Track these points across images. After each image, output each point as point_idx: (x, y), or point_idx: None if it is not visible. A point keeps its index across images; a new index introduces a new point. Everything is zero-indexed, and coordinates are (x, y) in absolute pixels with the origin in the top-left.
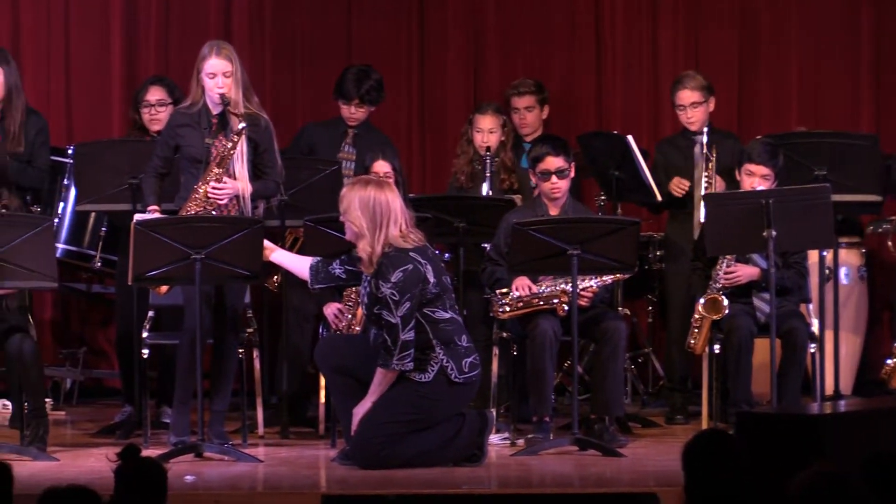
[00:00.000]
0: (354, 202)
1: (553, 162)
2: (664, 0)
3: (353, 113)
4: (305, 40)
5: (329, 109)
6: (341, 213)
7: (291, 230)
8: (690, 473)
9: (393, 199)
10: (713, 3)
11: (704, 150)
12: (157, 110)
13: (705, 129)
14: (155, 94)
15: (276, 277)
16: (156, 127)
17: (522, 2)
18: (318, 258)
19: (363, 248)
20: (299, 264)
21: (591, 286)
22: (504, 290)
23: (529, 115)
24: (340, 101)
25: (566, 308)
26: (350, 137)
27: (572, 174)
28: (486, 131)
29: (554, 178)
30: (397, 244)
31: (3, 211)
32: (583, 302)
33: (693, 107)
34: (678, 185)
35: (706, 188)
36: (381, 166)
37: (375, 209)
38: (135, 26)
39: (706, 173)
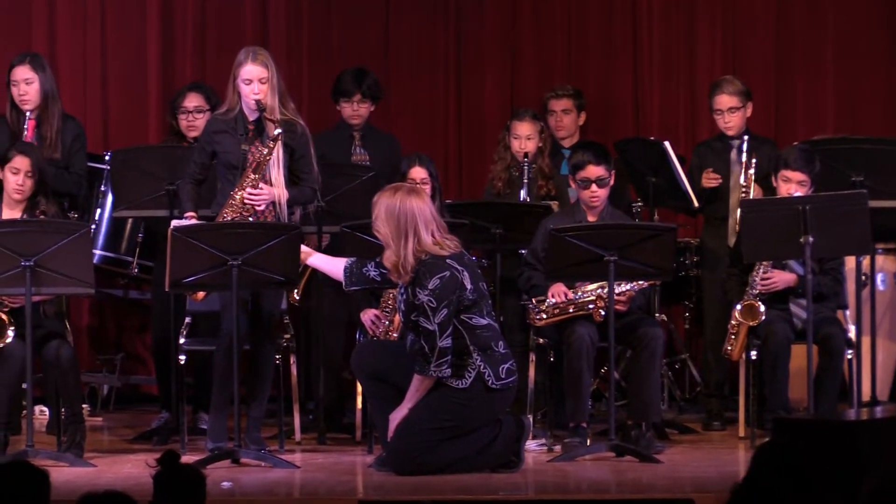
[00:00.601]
0: (381, 211)
1: (594, 171)
2: (701, 6)
3: (356, 110)
4: (342, 46)
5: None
6: (372, 222)
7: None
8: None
9: (422, 207)
10: (750, 9)
11: (744, 157)
12: (194, 117)
13: (745, 137)
14: (192, 100)
15: (296, 290)
16: (193, 133)
17: (559, 8)
18: (353, 259)
19: (388, 257)
20: (335, 266)
21: (628, 290)
22: (540, 298)
23: (566, 119)
24: (342, 101)
25: (603, 314)
26: (358, 140)
27: (612, 182)
28: (524, 138)
29: (594, 187)
30: (433, 251)
31: (42, 217)
32: (620, 307)
33: (731, 112)
34: (709, 177)
35: (744, 195)
36: (418, 172)
37: (400, 218)
38: (171, 32)
39: (744, 181)
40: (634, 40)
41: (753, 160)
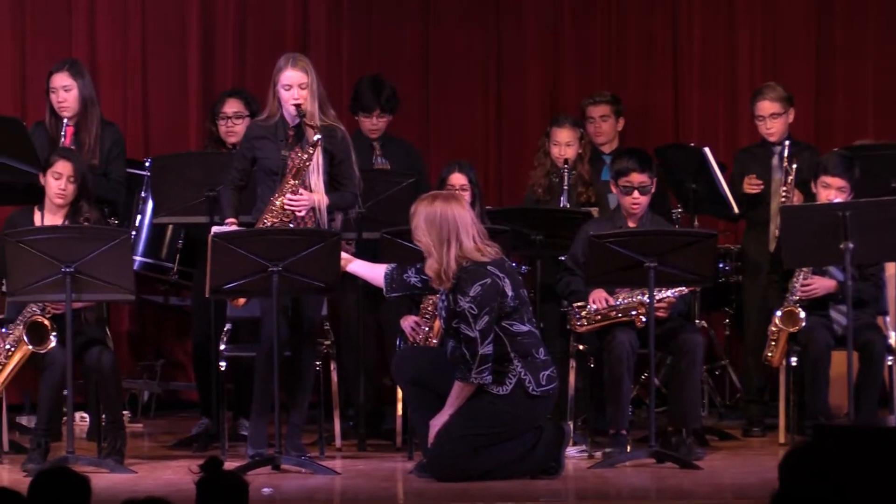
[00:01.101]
0: (420, 220)
1: (637, 177)
2: (741, 12)
3: (375, 124)
4: (383, 52)
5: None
6: (412, 232)
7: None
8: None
9: (461, 213)
10: (790, 16)
11: (785, 164)
12: (233, 122)
13: (787, 142)
14: (232, 106)
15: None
16: (232, 139)
17: (599, 14)
18: (393, 265)
19: (430, 266)
20: (375, 273)
21: (668, 296)
22: (581, 304)
23: (604, 125)
24: (361, 115)
25: (644, 319)
26: (378, 149)
27: (653, 190)
28: (564, 144)
29: (636, 194)
30: (474, 257)
31: (84, 223)
32: (661, 313)
33: (773, 118)
34: (751, 183)
35: (784, 201)
36: (457, 178)
37: (441, 225)
38: (212, 38)
39: (785, 187)
40: (674, 47)
41: (794, 166)
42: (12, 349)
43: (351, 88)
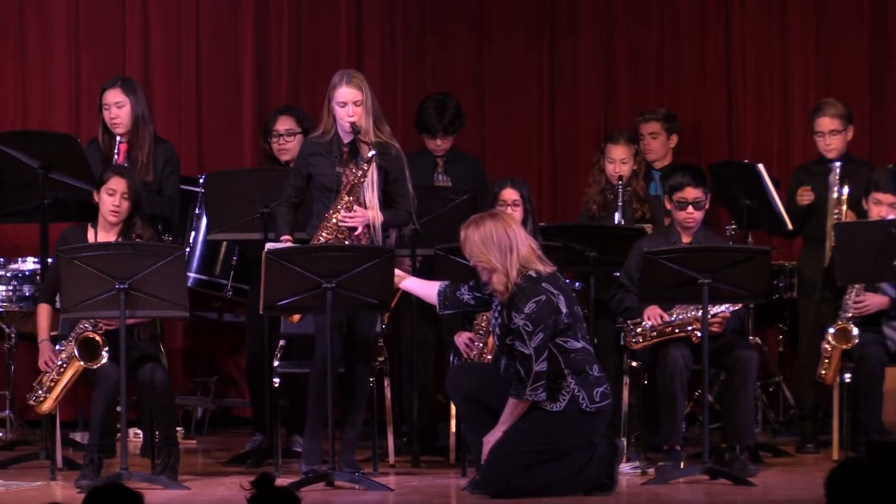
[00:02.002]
0: (476, 242)
1: (692, 193)
2: (795, 29)
3: (440, 145)
4: (437, 69)
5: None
6: (468, 259)
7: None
8: (832, 502)
9: (514, 226)
10: (844, 32)
11: (836, 182)
12: (285, 140)
13: (837, 163)
14: (284, 123)
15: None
16: (285, 157)
17: (653, 32)
18: (446, 283)
19: (498, 281)
20: (428, 290)
21: (722, 311)
22: (636, 321)
23: (654, 142)
24: (425, 136)
25: (699, 335)
26: (441, 166)
27: (707, 206)
28: (619, 161)
29: (690, 209)
30: (532, 264)
31: (137, 240)
32: (715, 328)
33: (832, 134)
34: (802, 193)
35: (836, 218)
36: (509, 194)
37: (500, 239)
38: (266, 55)
39: (837, 209)
40: (728, 63)
41: (846, 188)
42: (65, 365)
43: (405, 104)
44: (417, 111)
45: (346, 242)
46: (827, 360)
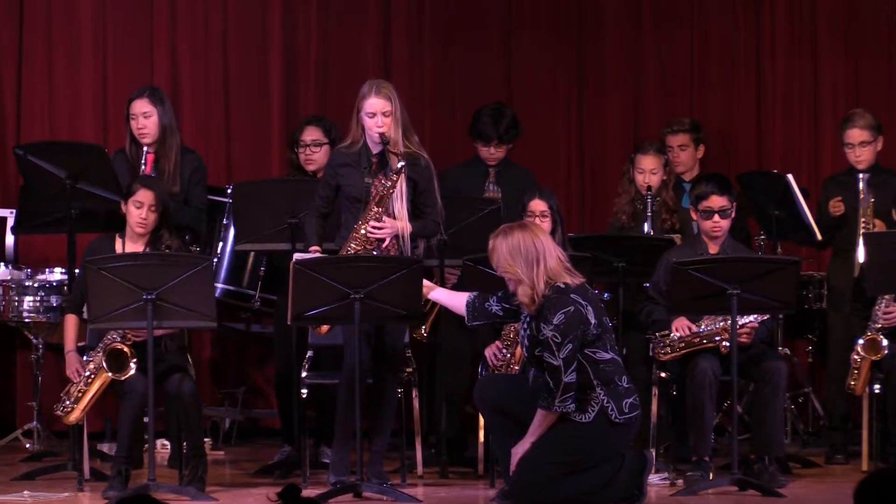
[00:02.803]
0: (503, 252)
1: (717, 201)
2: (825, 39)
3: (493, 153)
4: (465, 80)
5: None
6: (495, 269)
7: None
8: None
9: (542, 237)
10: (875, 42)
11: (862, 195)
12: (312, 150)
13: (864, 175)
14: (310, 134)
15: (424, 328)
16: (311, 167)
17: (682, 41)
18: (475, 294)
19: (524, 293)
20: (457, 301)
21: (751, 321)
22: (664, 332)
23: (683, 154)
24: (479, 143)
25: (727, 345)
26: (492, 176)
27: (734, 214)
28: (648, 171)
29: (716, 217)
30: (559, 277)
31: (167, 250)
32: (744, 339)
33: (862, 146)
34: (834, 204)
35: (865, 228)
36: (538, 205)
37: (527, 250)
38: (294, 65)
39: (864, 218)
40: (758, 73)
41: (871, 199)
42: (92, 376)
43: (433, 114)
44: (473, 119)
45: (375, 253)
46: (856, 371)
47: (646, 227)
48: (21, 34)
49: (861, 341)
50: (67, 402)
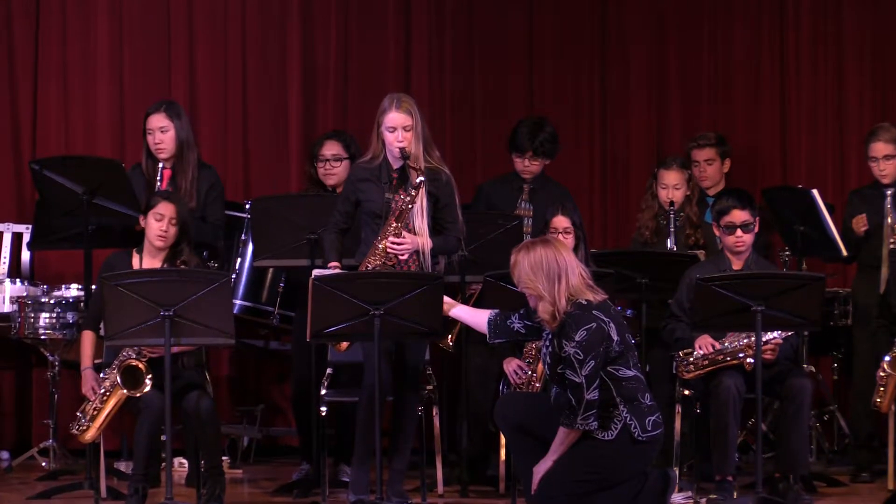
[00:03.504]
0: (525, 268)
1: (739, 215)
2: (850, 52)
3: (528, 166)
4: (486, 94)
5: (509, 164)
6: (516, 284)
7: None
8: None
9: (564, 253)
10: None
11: (888, 206)
12: (332, 165)
13: (889, 191)
14: (330, 148)
15: (450, 337)
16: (331, 182)
17: (705, 55)
18: (496, 311)
19: (544, 310)
20: (478, 319)
21: (775, 337)
22: (688, 351)
23: (709, 168)
24: (514, 155)
25: (751, 361)
26: (526, 193)
27: (756, 229)
28: (671, 187)
29: (739, 232)
30: (581, 294)
31: (182, 267)
32: (768, 356)
33: (886, 159)
34: (858, 222)
35: (892, 244)
36: (561, 221)
37: (549, 266)
38: (313, 79)
39: (891, 231)
40: (782, 87)
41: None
42: (108, 393)
43: (454, 129)
44: (512, 130)
45: (395, 269)
46: (882, 389)
47: (669, 243)
48: (37, 48)
49: (887, 358)
50: (83, 420)
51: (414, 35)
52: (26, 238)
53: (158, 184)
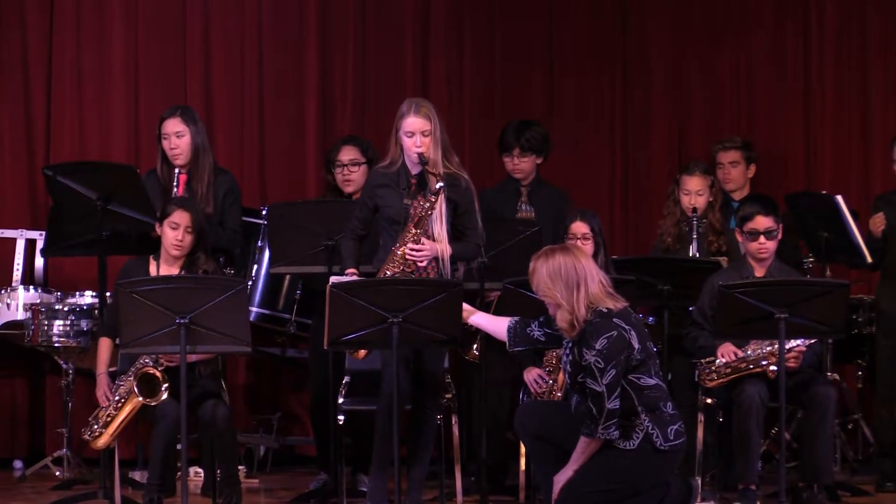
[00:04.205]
0: (543, 276)
1: (762, 222)
2: (875, 56)
3: (517, 164)
4: (506, 97)
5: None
6: (535, 291)
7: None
8: None
9: (584, 260)
10: None
11: None
12: (349, 170)
13: None
14: (347, 153)
15: (475, 346)
16: (349, 188)
17: (728, 58)
18: (516, 319)
19: (562, 318)
20: (497, 326)
21: (798, 345)
22: (710, 359)
23: (734, 171)
24: (504, 156)
25: (774, 368)
26: (525, 196)
27: (780, 235)
28: (694, 193)
29: (762, 239)
30: (601, 303)
31: (201, 273)
32: (792, 363)
33: None
34: (875, 222)
35: None
36: (579, 227)
37: (568, 274)
38: (330, 83)
39: None
40: (806, 92)
41: None
42: (123, 401)
43: (473, 134)
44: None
45: (414, 276)
46: None
47: (692, 250)
48: (50, 51)
49: None
50: (96, 427)
51: (432, 38)
52: (40, 244)
53: (175, 189)
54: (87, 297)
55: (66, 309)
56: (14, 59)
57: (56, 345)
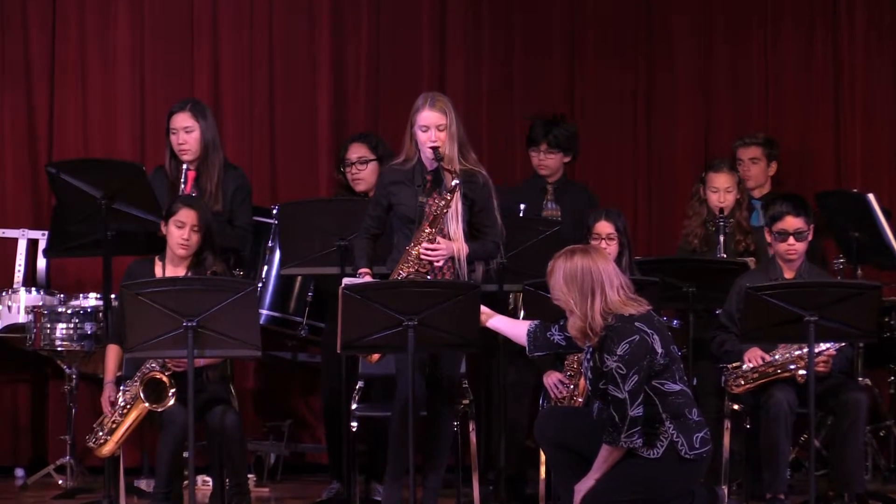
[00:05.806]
0: (559, 279)
1: (792, 223)
2: None
3: (543, 160)
4: (525, 92)
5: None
6: (550, 293)
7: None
8: None
9: (604, 265)
10: None
11: None
12: (358, 168)
13: None
14: (356, 151)
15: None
16: (360, 187)
17: (755, 51)
18: (536, 322)
19: (573, 324)
20: (517, 330)
21: (828, 349)
22: (736, 364)
23: (754, 168)
24: (531, 150)
25: (802, 373)
26: (550, 194)
27: (810, 237)
28: (723, 190)
29: (791, 240)
30: (619, 310)
31: (209, 274)
32: (821, 368)
33: None
34: None
35: None
36: (604, 227)
37: (584, 279)
38: (343, 78)
39: None
40: (836, 88)
41: None
42: (128, 406)
43: (491, 129)
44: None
45: (429, 277)
46: None
47: (719, 251)
48: (53, 45)
49: None
50: (101, 433)
51: (449, 31)
52: (42, 245)
53: (182, 186)
54: (92, 300)
55: (69, 312)
56: (16, 53)
57: (59, 349)
